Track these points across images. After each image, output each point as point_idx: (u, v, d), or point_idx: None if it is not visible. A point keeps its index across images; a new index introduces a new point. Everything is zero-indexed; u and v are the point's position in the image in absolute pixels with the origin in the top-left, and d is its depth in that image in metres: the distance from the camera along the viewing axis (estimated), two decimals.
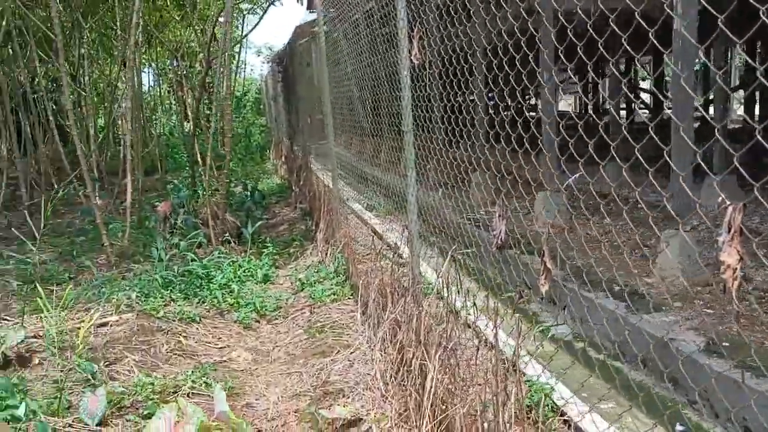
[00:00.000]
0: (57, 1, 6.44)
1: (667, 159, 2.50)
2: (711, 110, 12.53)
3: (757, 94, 12.87)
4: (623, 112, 21.13)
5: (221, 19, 12.20)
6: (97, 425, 3.49)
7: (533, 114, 12.90)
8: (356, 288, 5.60)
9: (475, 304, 3.68)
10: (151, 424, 2.85)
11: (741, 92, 16.28)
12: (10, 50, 10.14)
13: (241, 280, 6.38)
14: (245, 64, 17.54)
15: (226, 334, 5.35)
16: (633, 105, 17.50)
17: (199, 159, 10.98)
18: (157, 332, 4.97)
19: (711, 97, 13.27)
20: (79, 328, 4.88)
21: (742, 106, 16.27)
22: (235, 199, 10.15)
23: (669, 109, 5.89)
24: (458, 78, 4.60)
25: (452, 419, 2.95)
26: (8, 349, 4.39)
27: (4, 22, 7.49)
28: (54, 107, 11.42)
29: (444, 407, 3.07)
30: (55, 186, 10.17)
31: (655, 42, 2.36)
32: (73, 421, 3.52)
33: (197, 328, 5.30)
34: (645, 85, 21.81)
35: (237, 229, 8.04)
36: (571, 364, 3.94)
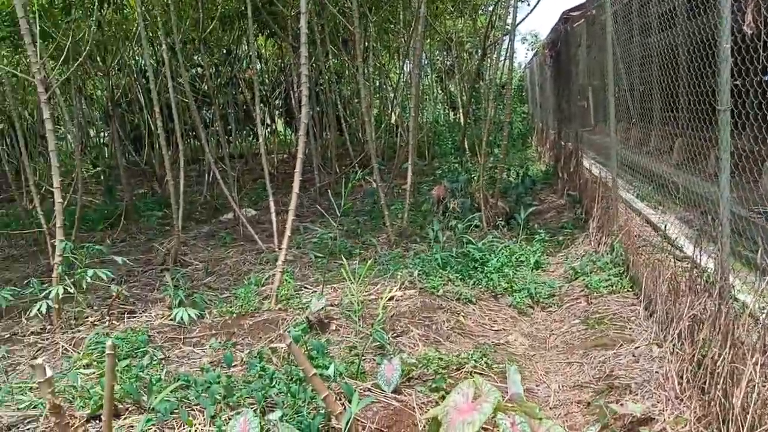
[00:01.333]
0: None
1: None
2: None
3: None
4: None
5: (490, 9, 12.36)
6: (391, 392, 3.72)
7: None
8: (636, 280, 5.34)
9: None
10: (450, 398, 2.96)
11: None
12: None
13: (513, 265, 6.42)
14: (514, 53, 17.47)
15: (501, 317, 5.42)
16: None
17: (466, 146, 11.24)
18: (437, 310, 5.19)
19: None
20: (370, 300, 5.28)
21: None
22: (502, 184, 10.25)
23: None
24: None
25: None
26: (311, 314, 4.88)
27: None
28: (336, 98, 12.44)
29: (759, 417, 2.80)
30: (337, 170, 11.08)
31: None
32: (371, 387, 3.79)
33: (473, 309, 5.44)
34: None
35: (506, 215, 8.09)
36: None
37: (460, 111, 13.58)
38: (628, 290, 5.47)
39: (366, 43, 11.33)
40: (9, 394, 3.83)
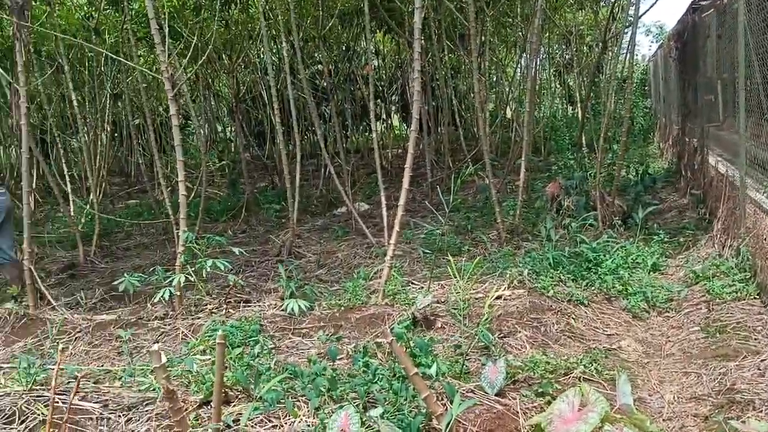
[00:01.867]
0: None
1: None
2: None
3: None
4: None
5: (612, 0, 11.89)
6: (495, 395, 3.67)
7: None
8: (764, 287, 4.99)
9: None
10: (555, 406, 2.90)
11: None
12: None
13: (629, 266, 6.17)
14: (636, 45, 16.55)
15: (614, 321, 5.22)
16: None
17: (584, 141, 10.88)
18: (547, 311, 5.07)
19: None
20: (476, 298, 5.24)
21: None
22: (620, 182, 9.87)
23: None
24: None
25: None
26: (417, 310, 4.91)
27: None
28: (451, 93, 12.41)
29: None
30: (450, 165, 11.05)
31: None
32: (474, 388, 3.76)
33: (585, 312, 5.27)
34: None
35: (623, 214, 7.78)
36: None
37: (579, 106, 13.17)
38: (754, 297, 5.12)
39: (482, 38, 11.21)
40: (131, 376, 4.11)
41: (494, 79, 15.68)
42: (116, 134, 15.86)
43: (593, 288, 5.68)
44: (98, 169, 10.02)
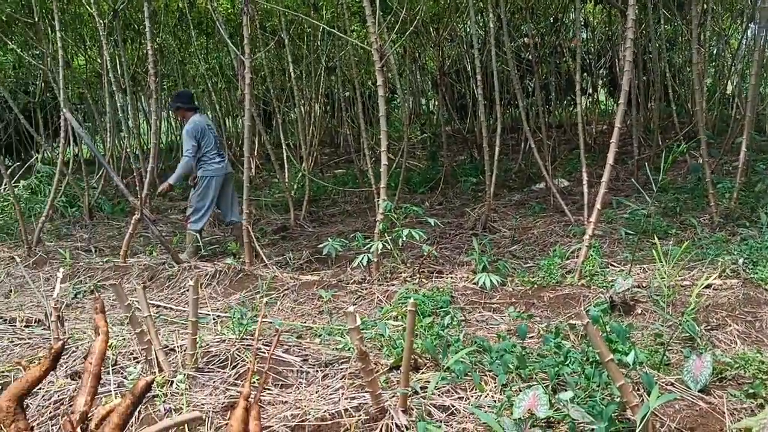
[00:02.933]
0: None
1: None
2: None
3: None
4: None
5: None
6: (698, 391, 3.42)
7: None
8: None
9: None
10: None
11: None
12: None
13: None
14: None
15: None
16: None
17: None
18: (763, 305, 4.60)
19: None
20: (682, 286, 4.90)
21: None
22: None
23: None
24: None
25: None
26: (615, 294, 4.69)
27: None
28: (665, 66, 11.53)
29: None
30: (660, 143, 10.33)
31: None
32: (674, 381, 3.52)
33: None
34: None
35: None
36: None
37: None
38: None
39: (704, 5, 10.26)
40: (330, 335, 4.37)
41: (714, 51, 14.27)
42: (328, 107, 16.69)
43: None
44: (311, 139, 10.62)
